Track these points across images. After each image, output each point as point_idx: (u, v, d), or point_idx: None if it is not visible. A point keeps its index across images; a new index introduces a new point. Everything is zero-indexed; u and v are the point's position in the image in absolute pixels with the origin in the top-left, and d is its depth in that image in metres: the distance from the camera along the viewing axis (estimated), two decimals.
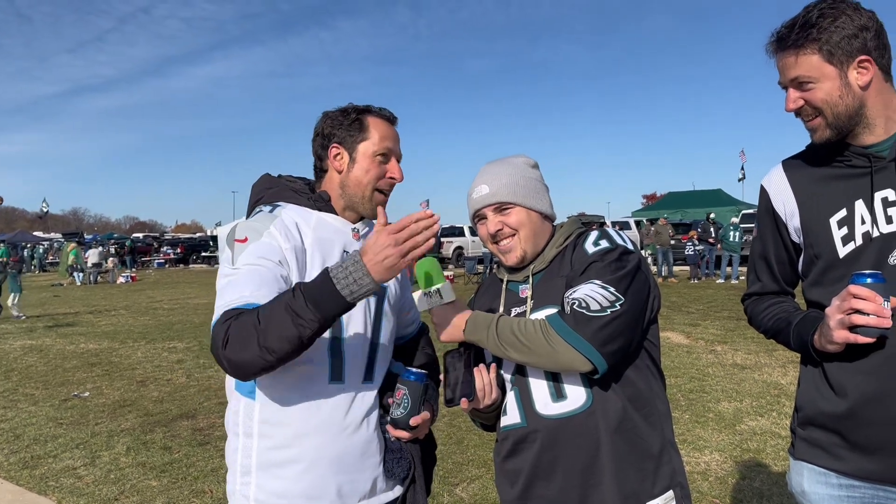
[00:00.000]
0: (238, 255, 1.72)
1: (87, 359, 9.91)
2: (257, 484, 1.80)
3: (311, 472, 1.77)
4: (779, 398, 6.45)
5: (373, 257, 1.53)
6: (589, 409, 1.69)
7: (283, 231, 1.77)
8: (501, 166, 1.88)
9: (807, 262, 1.78)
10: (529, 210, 1.84)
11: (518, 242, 1.83)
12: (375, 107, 1.93)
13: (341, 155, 1.88)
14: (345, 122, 1.88)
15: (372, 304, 1.89)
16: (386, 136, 1.88)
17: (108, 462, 5.34)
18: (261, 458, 1.79)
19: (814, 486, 1.76)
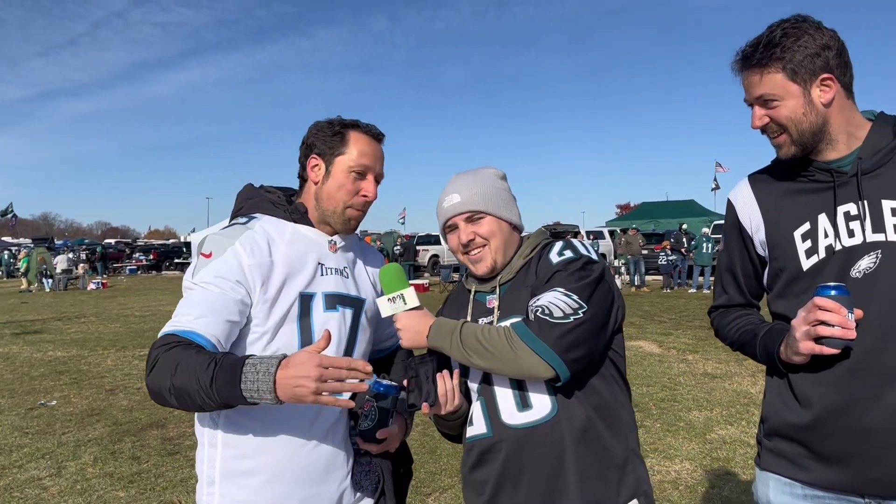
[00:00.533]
0: (199, 270, 1.75)
1: (54, 367, 9.73)
2: (221, 493, 1.79)
3: (274, 483, 1.76)
4: (748, 407, 6.54)
5: (289, 379, 1.50)
6: (554, 418, 1.70)
7: (249, 246, 1.76)
8: (472, 177, 1.89)
9: (772, 275, 1.82)
10: (500, 220, 1.86)
11: (489, 252, 1.84)
12: (364, 123, 1.91)
13: (319, 166, 1.88)
14: (327, 133, 1.87)
15: (348, 317, 1.88)
16: (365, 153, 1.87)
17: (74, 472, 5.24)
18: (224, 468, 1.79)
19: (779, 496, 1.79)
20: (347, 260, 1.95)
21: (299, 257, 1.83)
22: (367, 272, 2.02)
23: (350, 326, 1.88)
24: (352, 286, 1.92)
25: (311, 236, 1.88)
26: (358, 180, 1.87)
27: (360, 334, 1.92)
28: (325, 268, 1.87)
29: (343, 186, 1.85)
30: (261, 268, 1.75)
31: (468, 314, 1.88)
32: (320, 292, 1.83)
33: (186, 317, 1.68)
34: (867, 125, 1.71)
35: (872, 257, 1.63)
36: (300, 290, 1.80)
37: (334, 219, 1.88)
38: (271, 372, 1.51)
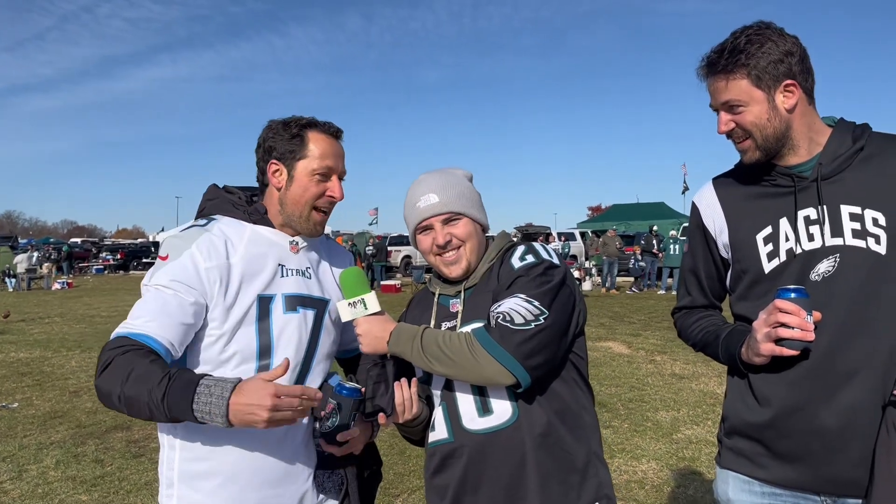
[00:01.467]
0: (156, 272, 1.75)
1: (17, 368, 9.52)
2: (178, 495, 1.79)
3: (229, 485, 1.76)
4: (714, 407, 6.62)
5: (242, 405, 1.50)
6: (514, 423, 1.71)
7: (206, 249, 1.75)
8: (446, 177, 1.87)
9: (734, 278, 1.84)
10: (475, 222, 1.85)
11: (464, 254, 1.83)
12: (320, 121, 1.88)
13: (280, 171, 1.85)
14: (285, 136, 1.83)
15: (309, 319, 1.86)
16: (326, 154, 1.84)
17: (35, 476, 5.13)
18: (181, 470, 1.78)
19: (738, 493, 1.82)
20: (311, 260, 1.93)
21: (258, 259, 1.81)
22: (332, 272, 2.00)
23: (312, 328, 1.86)
24: (315, 287, 1.90)
25: (271, 237, 1.86)
26: (322, 182, 1.85)
27: (324, 336, 1.90)
28: (285, 269, 1.85)
29: (308, 190, 1.83)
30: (218, 270, 1.74)
31: (432, 317, 1.87)
32: (280, 294, 1.81)
33: (140, 319, 1.67)
34: (827, 131, 1.75)
35: (831, 261, 1.66)
36: (258, 291, 1.78)
37: (301, 223, 1.86)
38: (225, 396, 1.51)
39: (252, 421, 1.50)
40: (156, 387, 1.54)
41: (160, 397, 1.53)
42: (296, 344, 1.82)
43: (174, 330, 1.67)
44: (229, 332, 1.75)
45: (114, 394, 1.58)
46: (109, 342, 1.65)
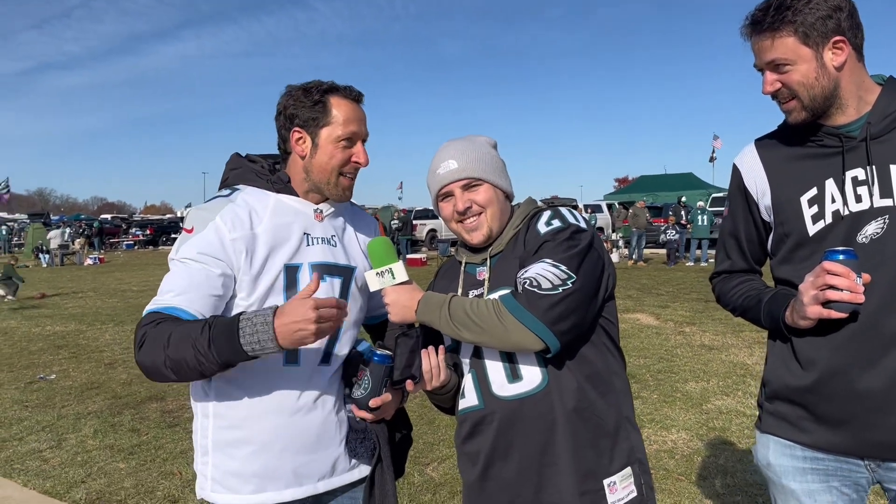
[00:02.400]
0: (181, 245, 1.75)
1: (53, 341, 9.75)
2: (214, 463, 1.82)
3: (264, 452, 1.78)
4: (744, 378, 6.57)
5: (287, 325, 1.53)
6: (544, 389, 1.70)
7: (230, 220, 1.75)
8: (466, 143, 1.85)
9: (776, 241, 1.80)
10: (496, 188, 1.83)
11: (485, 220, 1.81)
12: (340, 85, 1.85)
13: (304, 139, 1.83)
14: (307, 103, 1.80)
15: (336, 287, 1.86)
16: (350, 119, 1.82)
17: (74, 445, 5.27)
18: (216, 438, 1.81)
19: (779, 458, 1.80)
20: (336, 228, 1.92)
21: (283, 228, 1.80)
22: (357, 239, 1.99)
23: (339, 295, 1.86)
24: (340, 255, 1.89)
25: (296, 206, 1.85)
26: (347, 148, 1.83)
27: (351, 303, 1.89)
28: (310, 237, 1.84)
29: (333, 157, 1.82)
30: (243, 240, 1.74)
31: (459, 286, 1.87)
32: (306, 263, 1.81)
33: (168, 294, 1.68)
34: (877, 89, 1.69)
35: (880, 222, 1.61)
36: (285, 261, 1.78)
37: (329, 189, 1.85)
38: (269, 321, 1.54)
39: (302, 337, 1.53)
40: (199, 338, 1.56)
41: (206, 346, 1.55)
42: None
43: (203, 302, 1.68)
44: (257, 303, 1.75)
45: (158, 362, 1.59)
46: (142, 319, 1.66)
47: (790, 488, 1.78)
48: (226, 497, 1.80)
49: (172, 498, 4.20)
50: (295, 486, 1.81)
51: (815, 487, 1.75)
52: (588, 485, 1.68)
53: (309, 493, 1.84)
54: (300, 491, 1.82)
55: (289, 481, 1.80)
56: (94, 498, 4.28)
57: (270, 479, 1.79)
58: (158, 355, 1.59)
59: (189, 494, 4.19)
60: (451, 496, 4.12)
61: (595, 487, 1.69)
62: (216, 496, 1.82)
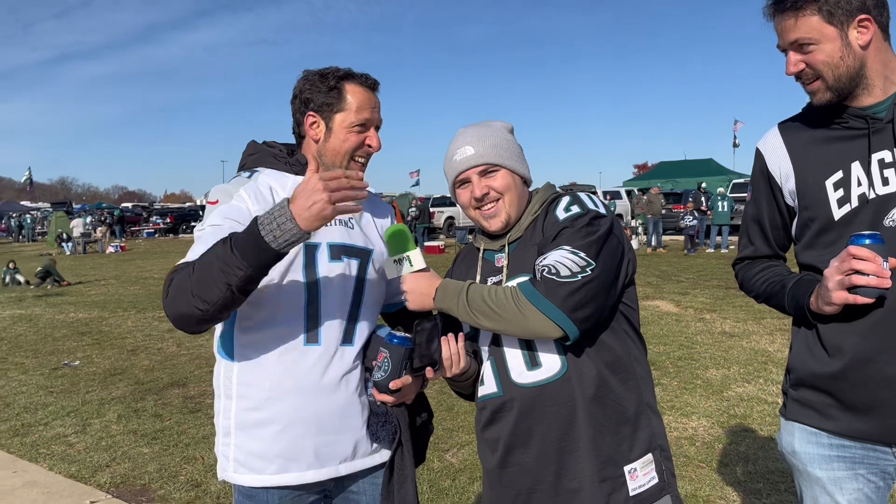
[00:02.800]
0: (207, 216, 1.77)
1: (76, 328, 9.89)
2: (236, 444, 1.84)
3: (286, 433, 1.79)
4: (766, 365, 6.52)
5: (301, 202, 1.51)
6: (564, 376, 1.69)
7: (254, 194, 1.78)
8: (483, 129, 1.83)
9: (801, 226, 1.77)
10: (514, 173, 1.81)
11: (503, 206, 1.79)
12: (356, 72, 1.87)
13: (317, 123, 1.84)
14: (322, 88, 1.82)
15: (353, 268, 1.87)
16: (364, 106, 1.83)
17: (99, 429, 5.35)
18: (238, 419, 1.83)
19: (805, 445, 1.78)
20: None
21: None
22: (374, 223, 2.00)
23: (356, 277, 1.88)
24: (358, 237, 1.91)
25: None
26: (361, 133, 1.84)
27: (369, 285, 1.91)
28: None
29: (346, 142, 1.83)
30: None
31: (477, 273, 1.86)
32: (325, 242, 1.83)
33: (194, 253, 1.67)
34: None
35: None
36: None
37: None
38: (285, 206, 1.52)
39: (320, 210, 1.50)
40: (220, 250, 1.54)
41: (230, 251, 1.52)
42: (341, 292, 1.84)
43: None
44: (277, 280, 1.77)
45: (185, 299, 1.56)
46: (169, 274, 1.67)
47: (816, 476, 1.76)
48: (248, 477, 1.82)
49: (195, 482, 4.25)
50: (316, 467, 1.83)
51: (841, 475, 1.73)
52: (608, 471, 1.67)
53: (330, 476, 1.85)
54: (322, 472, 1.84)
55: (310, 462, 1.82)
56: (119, 482, 4.34)
57: (293, 460, 1.81)
58: (185, 291, 1.56)
59: (211, 479, 4.24)
60: (471, 482, 4.13)
61: (615, 474, 1.68)
62: (239, 477, 1.84)
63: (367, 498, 1.95)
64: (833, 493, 1.74)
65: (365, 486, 1.94)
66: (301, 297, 1.79)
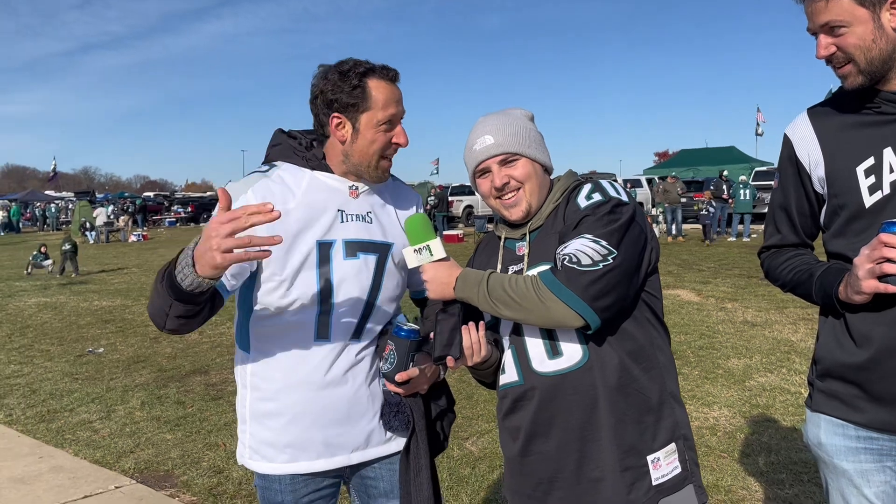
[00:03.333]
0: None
1: (100, 316, 10.03)
2: (251, 432, 1.90)
3: (295, 424, 1.83)
4: (789, 355, 6.45)
5: (199, 249, 1.46)
6: (585, 365, 1.67)
7: (262, 194, 1.77)
8: (502, 117, 1.81)
9: (830, 213, 1.74)
10: (534, 162, 1.79)
11: (524, 196, 1.77)
12: (376, 65, 1.83)
13: (343, 125, 1.80)
14: (345, 87, 1.77)
15: (371, 264, 1.86)
16: (389, 102, 1.80)
17: (123, 416, 5.43)
18: (252, 408, 1.89)
19: (831, 437, 1.75)
20: (372, 204, 1.91)
21: (317, 204, 1.81)
22: (397, 215, 1.97)
23: (374, 273, 1.87)
24: (376, 231, 1.89)
25: (331, 183, 1.85)
26: (388, 131, 1.82)
27: (387, 280, 1.90)
28: (345, 214, 1.84)
29: (375, 142, 1.80)
30: None
31: (498, 262, 1.84)
32: (340, 239, 1.82)
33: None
34: None
35: None
36: (317, 238, 1.79)
37: (369, 172, 1.84)
38: (190, 250, 1.51)
39: (210, 262, 1.44)
40: (160, 276, 1.59)
41: (160, 281, 1.58)
42: (357, 289, 1.83)
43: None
44: (290, 278, 1.77)
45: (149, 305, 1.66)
46: None
47: (842, 468, 1.74)
48: (261, 465, 1.88)
49: (217, 468, 4.30)
50: (326, 456, 1.86)
51: (868, 468, 1.70)
52: (631, 460, 1.66)
53: (342, 464, 1.88)
54: (332, 461, 1.87)
55: (320, 452, 1.85)
56: (143, 467, 4.40)
57: (302, 450, 1.84)
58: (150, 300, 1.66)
59: (233, 465, 4.29)
60: (491, 470, 4.14)
61: (638, 463, 1.67)
62: (253, 464, 1.91)
63: (385, 483, 1.96)
64: (860, 485, 1.71)
65: (382, 472, 1.96)
66: (314, 295, 1.79)
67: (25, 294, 12.62)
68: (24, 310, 10.77)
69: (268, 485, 1.90)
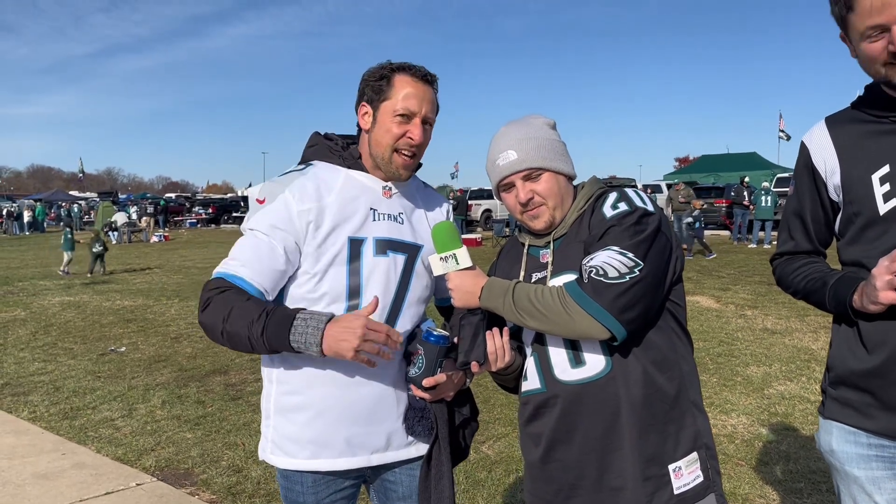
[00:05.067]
0: (252, 215, 1.86)
1: (122, 315, 10.15)
2: (274, 426, 1.92)
3: (319, 419, 1.85)
4: (809, 363, 6.39)
5: (335, 332, 1.64)
6: (608, 374, 1.67)
7: (299, 192, 1.82)
8: (524, 129, 1.81)
9: (844, 221, 1.74)
10: (558, 174, 1.79)
11: (547, 210, 1.78)
12: (413, 65, 1.87)
13: (367, 113, 1.88)
14: (373, 78, 1.86)
15: (399, 263, 1.88)
16: (410, 95, 1.82)
17: (144, 414, 5.50)
18: (277, 403, 1.90)
19: (842, 445, 1.75)
20: (403, 206, 1.94)
21: (350, 202, 1.85)
22: (427, 219, 2.00)
23: (402, 272, 1.89)
24: (407, 232, 1.92)
25: (365, 181, 1.90)
26: (403, 124, 1.83)
27: (415, 280, 1.92)
28: (377, 213, 1.88)
29: (389, 131, 1.83)
30: (310, 212, 1.80)
31: (521, 269, 1.85)
32: (371, 237, 1.85)
33: (235, 261, 1.80)
34: None
35: None
36: (350, 234, 1.82)
37: (385, 165, 1.88)
38: (320, 328, 1.65)
39: (342, 349, 1.63)
40: (255, 322, 1.67)
41: (260, 332, 1.67)
42: (384, 286, 1.85)
43: (266, 276, 1.78)
44: (321, 273, 1.81)
45: (217, 329, 1.72)
46: (209, 282, 1.78)
47: (854, 475, 1.74)
48: (283, 460, 1.89)
49: (236, 467, 4.35)
50: (348, 455, 1.87)
51: (879, 475, 1.70)
52: (652, 470, 1.66)
53: (362, 465, 1.89)
54: (353, 461, 1.88)
55: (342, 450, 1.86)
56: (164, 465, 4.46)
57: (324, 447, 1.85)
58: (217, 323, 1.71)
59: (252, 465, 4.33)
60: (507, 474, 4.15)
61: (660, 472, 1.67)
62: (275, 458, 1.91)
63: (404, 488, 1.97)
64: (871, 492, 1.71)
65: (402, 477, 1.97)
66: (343, 290, 1.82)
67: (49, 293, 12.81)
68: (48, 308, 10.93)
69: (290, 485, 1.91)
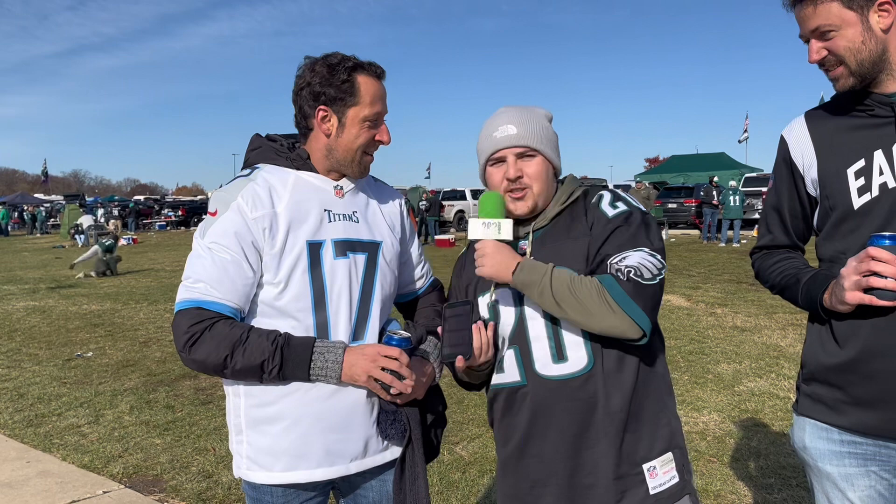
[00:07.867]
0: (207, 229, 1.78)
1: (89, 319, 9.96)
2: (248, 441, 1.85)
3: (295, 428, 1.79)
4: (778, 360, 6.48)
5: (352, 359, 1.74)
6: (588, 372, 1.68)
7: (251, 199, 1.77)
8: (526, 112, 1.81)
9: (822, 215, 1.75)
10: (549, 162, 1.80)
11: (532, 194, 1.77)
12: (364, 62, 1.83)
13: (329, 118, 1.81)
14: (334, 81, 1.78)
15: (360, 264, 1.85)
16: (376, 99, 1.81)
17: (111, 420, 5.39)
18: (248, 417, 1.84)
19: (815, 441, 1.77)
20: (357, 204, 1.91)
21: (303, 205, 1.80)
22: (381, 212, 1.97)
23: (364, 272, 1.86)
24: (364, 230, 1.89)
25: (316, 182, 1.85)
26: (372, 128, 1.83)
27: (379, 278, 1.89)
28: (332, 214, 1.84)
29: (359, 137, 1.81)
30: (265, 219, 1.75)
31: None
32: (329, 239, 1.81)
33: (203, 285, 1.73)
34: None
35: None
36: (307, 238, 1.79)
37: (352, 167, 1.85)
38: (339, 361, 1.73)
39: (357, 376, 1.73)
40: (268, 361, 1.70)
41: (276, 372, 1.72)
42: (349, 289, 1.82)
43: (238, 293, 1.74)
44: (284, 281, 1.76)
45: (218, 368, 1.72)
46: (184, 312, 1.71)
47: (826, 472, 1.75)
48: (260, 475, 1.82)
49: (207, 473, 4.28)
50: (326, 465, 1.82)
51: (852, 472, 1.71)
52: (625, 468, 1.66)
53: (341, 474, 1.84)
54: (332, 471, 1.83)
55: (320, 460, 1.81)
56: (132, 472, 4.37)
57: (301, 458, 1.80)
58: (218, 363, 1.70)
59: (222, 470, 4.26)
60: (481, 475, 4.14)
61: (633, 472, 1.67)
62: (251, 474, 1.84)
63: (374, 493, 1.94)
64: (844, 489, 1.72)
65: (371, 483, 1.94)
66: (308, 297, 1.78)
67: (13, 297, 12.52)
68: (13, 313, 10.68)
69: (259, 496, 1.85)
